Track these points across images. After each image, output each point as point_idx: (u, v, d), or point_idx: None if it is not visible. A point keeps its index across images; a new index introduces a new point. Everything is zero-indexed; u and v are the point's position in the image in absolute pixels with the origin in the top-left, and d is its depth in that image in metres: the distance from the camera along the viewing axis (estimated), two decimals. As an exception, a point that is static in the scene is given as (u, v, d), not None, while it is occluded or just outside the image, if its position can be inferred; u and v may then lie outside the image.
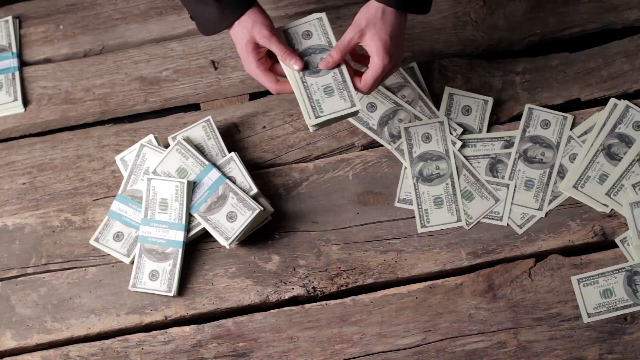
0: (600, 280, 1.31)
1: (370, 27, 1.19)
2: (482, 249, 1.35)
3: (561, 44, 1.50)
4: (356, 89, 1.22)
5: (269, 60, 1.26)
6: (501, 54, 1.49)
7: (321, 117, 1.20)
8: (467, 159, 1.38)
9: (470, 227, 1.35)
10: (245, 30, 1.22)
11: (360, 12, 1.20)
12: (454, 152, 1.38)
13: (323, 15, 1.26)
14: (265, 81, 1.24)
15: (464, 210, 1.36)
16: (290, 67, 1.22)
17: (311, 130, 1.24)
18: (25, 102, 1.51)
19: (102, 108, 1.50)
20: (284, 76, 1.25)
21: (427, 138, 1.39)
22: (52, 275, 1.37)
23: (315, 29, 1.25)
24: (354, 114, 1.23)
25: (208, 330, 1.32)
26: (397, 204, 1.38)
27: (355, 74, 1.24)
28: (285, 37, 1.24)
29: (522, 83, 1.45)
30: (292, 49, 1.24)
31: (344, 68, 1.22)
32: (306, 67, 1.23)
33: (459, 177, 1.37)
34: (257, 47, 1.23)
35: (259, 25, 1.21)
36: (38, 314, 1.35)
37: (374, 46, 1.19)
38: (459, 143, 1.39)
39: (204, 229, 1.34)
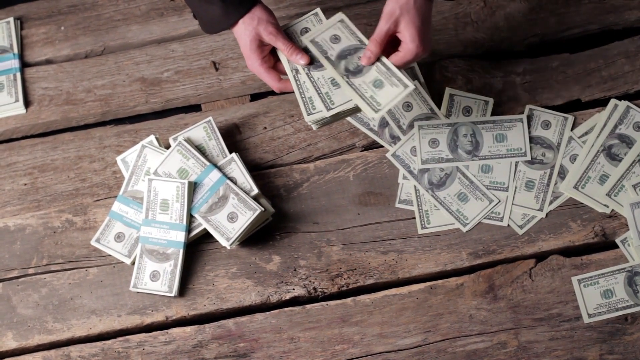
0: (601, 280, 1.31)
1: (404, 15, 1.18)
2: (482, 249, 1.35)
3: (562, 45, 1.50)
4: None
5: (272, 59, 1.27)
6: (502, 55, 1.49)
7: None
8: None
9: (466, 228, 1.35)
10: (251, 28, 1.22)
11: (389, 1, 1.19)
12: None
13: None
14: (269, 79, 1.25)
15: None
16: (296, 62, 1.23)
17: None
18: (27, 103, 1.52)
19: (103, 109, 1.50)
20: (287, 74, 1.26)
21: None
22: (53, 276, 1.37)
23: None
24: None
25: (209, 331, 1.33)
26: (397, 205, 1.38)
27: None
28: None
29: (523, 84, 1.45)
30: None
31: (384, 59, 1.21)
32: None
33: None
34: (261, 44, 1.24)
35: (265, 23, 1.22)
36: (39, 314, 1.35)
37: (408, 34, 1.19)
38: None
39: (204, 229, 1.34)
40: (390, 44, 1.23)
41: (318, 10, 1.28)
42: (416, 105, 1.41)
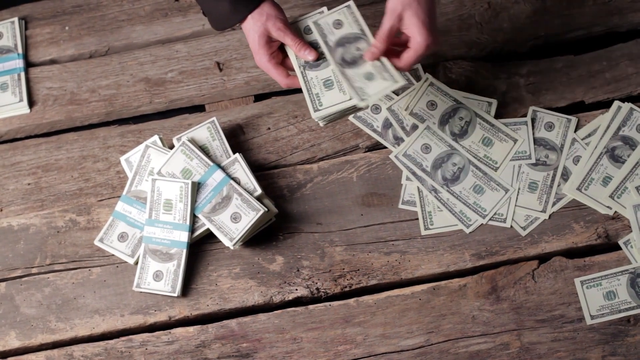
0: (604, 282, 1.31)
1: (407, 10, 1.18)
2: (485, 250, 1.35)
3: (566, 47, 1.50)
4: (396, 67, 1.20)
5: (280, 55, 1.27)
6: (505, 57, 1.49)
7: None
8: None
9: (469, 229, 1.35)
10: (259, 24, 1.23)
11: None
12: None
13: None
14: (277, 75, 1.26)
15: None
16: (304, 58, 1.24)
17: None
18: (31, 103, 1.52)
19: (107, 109, 1.51)
20: (294, 70, 1.26)
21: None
22: (56, 276, 1.38)
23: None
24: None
25: (212, 331, 1.33)
26: (400, 206, 1.38)
27: (392, 53, 1.22)
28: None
29: (527, 85, 1.45)
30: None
31: (382, 58, 1.21)
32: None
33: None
34: (269, 40, 1.24)
35: (273, 18, 1.22)
36: (42, 313, 1.36)
37: (414, 27, 1.18)
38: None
39: (208, 229, 1.35)
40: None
41: (325, 9, 1.28)
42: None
